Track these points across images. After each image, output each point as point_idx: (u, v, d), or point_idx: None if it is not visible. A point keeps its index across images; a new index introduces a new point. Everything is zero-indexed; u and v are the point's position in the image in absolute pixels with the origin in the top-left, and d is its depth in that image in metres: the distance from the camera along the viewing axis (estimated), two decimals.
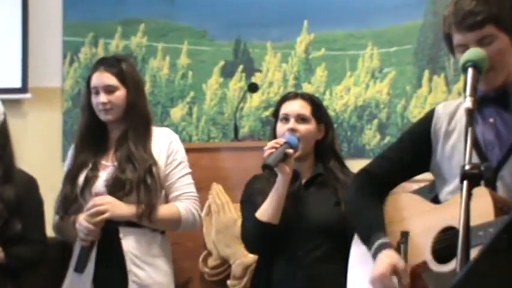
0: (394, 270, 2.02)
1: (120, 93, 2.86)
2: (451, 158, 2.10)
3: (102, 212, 2.74)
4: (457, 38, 2.03)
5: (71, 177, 2.85)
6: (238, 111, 4.09)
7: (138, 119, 2.86)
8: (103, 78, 2.86)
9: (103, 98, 2.83)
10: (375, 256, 2.07)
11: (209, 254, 3.36)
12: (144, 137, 2.86)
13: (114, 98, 2.84)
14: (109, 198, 2.76)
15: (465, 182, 1.67)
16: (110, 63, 2.90)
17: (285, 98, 2.85)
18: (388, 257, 2.04)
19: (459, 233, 1.63)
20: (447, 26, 2.06)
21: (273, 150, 2.65)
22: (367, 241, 2.13)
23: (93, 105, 2.87)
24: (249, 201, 2.77)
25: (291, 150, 2.67)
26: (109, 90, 2.84)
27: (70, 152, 2.96)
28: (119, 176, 2.78)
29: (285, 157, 2.64)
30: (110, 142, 2.90)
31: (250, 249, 2.87)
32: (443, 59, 4.21)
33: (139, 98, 2.89)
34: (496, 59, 1.98)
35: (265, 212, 2.66)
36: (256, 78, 4.37)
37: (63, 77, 4.57)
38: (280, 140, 2.70)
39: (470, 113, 1.77)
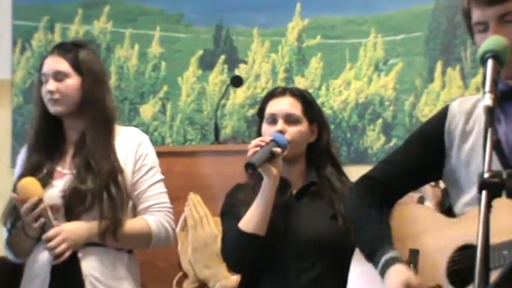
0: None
1: (72, 81, 2.84)
2: (469, 164, 2.10)
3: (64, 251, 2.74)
4: (476, 15, 2.04)
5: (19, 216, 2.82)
6: (219, 109, 4.08)
7: (96, 115, 2.83)
8: (54, 63, 2.84)
9: (51, 85, 2.82)
10: (383, 274, 2.07)
11: (185, 276, 3.36)
12: (106, 137, 2.83)
13: (64, 87, 2.82)
14: (63, 233, 2.74)
15: (484, 193, 1.67)
16: (66, 47, 2.89)
17: (272, 95, 2.85)
18: (400, 273, 2.04)
19: (476, 252, 1.63)
20: (466, 0, 2.07)
21: (258, 148, 2.65)
22: (372, 257, 2.13)
23: (43, 97, 2.86)
24: (231, 212, 2.76)
25: (278, 149, 2.66)
26: (59, 77, 2.83)
27: (21, 155, 2.95)
28: (78, 187, 2.76)
29: (271, 157, 2.64)
30: (67, 144, 2.88)
31: (232, 266, 2.86)
32: (458, 49, 4.23)
33: (98, 90, 2.86)
34: None
35: (250, 221, 2.66)
36: (241, 71, 4.37)
37: (13, 67, 4.55)
38: (267, 138, 2.70)
39: (490, 111, 1.77)
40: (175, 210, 2.97)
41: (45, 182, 2.80)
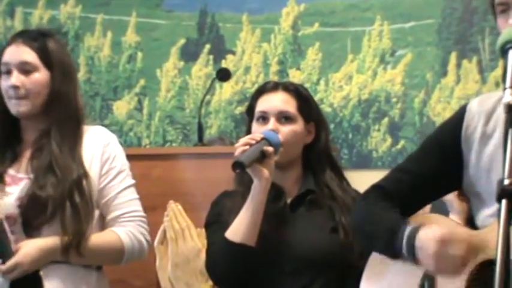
0: (446, 241, 2.01)
1: (41, 76, 2.83)
2: (490, 171, 2.11)
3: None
4: None
5: None
6: (203, 106, 4.09)
7: (64, 115, 2.83)
8: (19, 52, 2.83)
9: (15, 79, 2.80)
10: (412, 251, 2.07)
11: None
12: (72, 138, 2.82)
13: (31, 82, 2.81)
14: (22, 266, 2.75)
15: (503, 202, 1.68)
16: (32, 36, 2.87)
17: (262, 91, 2.86)
18: (429, 233, 2.04)
19: (495, 269, 1.64)
20: None
21: (247, 147, 2.66)
22: (391, 240, 2.12)
23: (1, 92, 2.85)
24: (217, 222, 2.77)
25: (270, 148, 2.67)
26: (25, 69, 2.82)
27: None
28: (37, 193, 2.75)
29: (262, 157, 2.65)
30: (23, 145, 2.88)
31: (218, 282, 2.86)
32: (475, 38, 4.25)
33: (67, 87, 2.86)
34: None
35: (237, 230, 2.66)
36: (228, 63, 4.38)
37: None
38: (257, 136, 2.71)
39: (510, 110, 1.78)
40: (153, 221, 2.97)
41: None
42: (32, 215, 2.73)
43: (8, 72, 2.81)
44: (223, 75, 3.90)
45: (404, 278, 2.21)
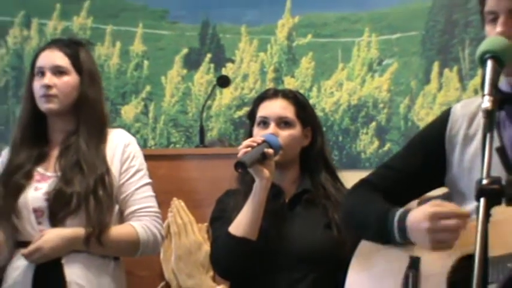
0: (437, 217, 1.99)
1: (71, 79, 2.84)
2: (471, 170, 2.10)
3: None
4: (489, 3, 2.04)
5: (4, 181, 2.82)
6: (205, 111, 4.09)
7: (91, 116, 2.85)
8: (53, 57, 2.84)
9: (48, 80, 2.81)
10: (403, 233, 2.06)
11: (167, 286, 3.36)
12: (98, 138, 2.84)
13: (62, 83, 2.82)
14: (42, 250, 2.75)
15: (482, 200, 1.68)
16: (65, 43, 2.90)
17: (263, 97, 2.86)
18: (419, 213, 2.02)
19: (474, 264, 1.63)
20: None
21: (249, 149, 2.66)
22: (382, 229, 2.10)
23: (33, 93, 2.86)
24: (222, 218, 2.77)
25: (270, 151, 2.67)
26: (58, 71, 2.83)
27: (4, 153, 2.94)
28: (63, 189, 2.76)
29: (263, 158, 2.65)
30: (51, 146, 2.89)
31: (221, 272, 2.86)
32: (456, 49, 4.24)
33: (94, 92, 2.87)
34: None
35: (240, 225, 2.66)
36: (228, 70, 4.38)
37: None
38: (258, 139, 2.71)
39: (489, 114, 1.78)
40: None
41: (24, 182, 2.80)
42: (58, 208, 2.75)
43: (42, 74, 2.83)
44: (223, 82, 3.90)
45: (391, 263, 2.21)
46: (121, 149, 2.87)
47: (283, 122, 2.78)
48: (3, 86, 4.49)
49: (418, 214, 2.06)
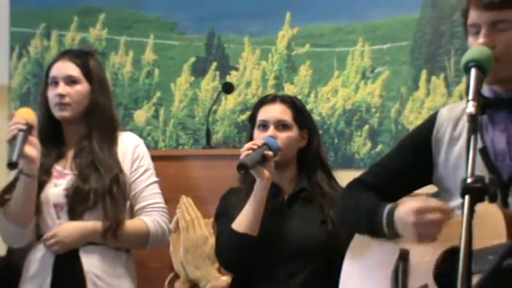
0: (422, 211, 2.00)
1: (82, 87, 2.85)
2: (457, 169, 2.10)
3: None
4: (472, 16, 2.04)
5: (17, 177, 2.81)
6: (211, 115, 4.09)
7: (101, 121, 2.85)
8: (65, 67, 2.85)
9: (62, 89, 2.82)
10: (391, 227, 2.06)
11: (176, 276, 3.36)
12: (110, 141, 2.85)
13: (74, 92, 2.83)
14: (57, 236, 2.75)
15: (466, 197, 1.67)
16: (76, 54, 2.91)
17: (263, 102, 2.86)
18: (406, 208, 2.03)
19: (459, 257, 1.63)
20: (467, 0, 2.07)
21: (250, 151, 2.66)
22: (372, 220, 2.11)
23: (48, 101, 2.86)
24: (225, 214, 2.77)
25: (270, 153, 2.67)
26: (70, 81, 2.84)
27: None
28: (81, 186, 2.77)
29: (263, 160, 2.65)
30: (66, 147, 2.89)
31: (225, 265, 2.87)
32: (442, 58, 4.24)
33: (104, 98, 2.88)
34: (506, 49, 1.99)
35: (242, 222, 2.67)
36: (232, 78, 4.38)
37: (10, 73, 4.54)
38: (259, 141, 2.71)
39: (472, 118, 1.78)
40: (167, 213, 2.98)
41: (45, 180, 2.80)
42: (76, 204, 2.76)
43: (55, 84, 2.84)
44: (228, 88, 3.90)
45: (382, 256, 2.20)
46: (131, 150, 2.88)
47: (281, 125, 2.78)
48: (26, 92, 4.49)
49: (404, 209, 2.06)
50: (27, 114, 2.73)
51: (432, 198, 2.11)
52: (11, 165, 2.59)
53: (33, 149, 2.68)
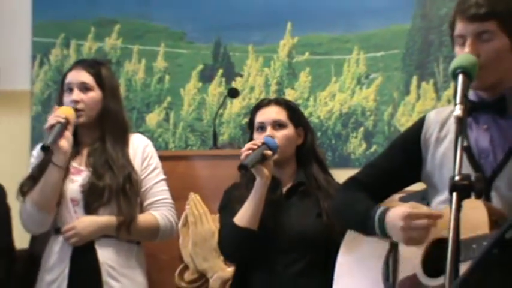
0: (411, 217, 2.00)
1: (95, 94, 2.86)
2: (442, 167, 2.11)
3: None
4: (458, 28, 2.05)
5: (43, 167, 2.82)
6: (217, 118, 4.09)
7: (114, 124, 2.86)
8: (79, 75, 2.87)
9: (76, 95, 2.83)
10: (382, 227, 2.07)
11: (186, 267, 3.36)
12: (122, 143, 2.87)
13: (88, 98, 2.84)
14: (75, 229, 2.75)
15: (454, 194, 1.68)
16: (89, 63, 2.93)
17: (259, 106, 2.87)
18: (396, 212, 2.03)
19: (448, 247, 1.63)
20: (453, 13, 2.08)
21: (250, 152, 2.66)
22: (365, 221, 2.11)
23: (64, 105, 2.87)
24: (227, 207, 2.78)
25: (269, 152, 2.67)
26: (83, 88, 2.85)
27: (37, 150, 2.94)
28: (96, 183, 2.78)
29: (263, 159, 2.65)
30: (81, 146, 2.89)
31: (227, 256, 2.87)
32: (432, 65, 4.24)
33: (115, 104, 2.89)
34: (490, 58, 2.00)
35: (243, 216, 2.67)
36: (237, 83, 4.37)
37: (32, 79, 4.54)
38: (258, 141, 2.71)
39: (460, 121, 1.78)
40: (177, 208, 2.98)
41: (64, 175, 2.81)
42: (92, 199, 2.77)
43: (70, 90, 2.85)
44: (233, 93, 3.90)
45: (374, 248, 2.20)
46: (141, 150, 2.90)
47: (277, 125, 2.78)
48: (47, 97, 4.50)
49: (394, 214, 2.06)
50: (68, 112, 2.77)
51: (422, 205, 2.11)
52: (44, 148, 2.66)
53: (66, 143, 2.72)
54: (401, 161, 2.21)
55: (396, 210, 2.05)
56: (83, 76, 2.86)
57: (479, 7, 2.01)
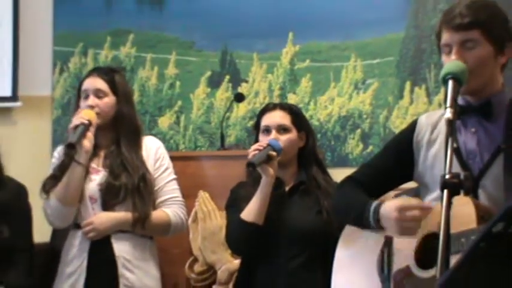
0: (403, 209, 2.00)
1: (109, 100, 2.87)
2: (433, 167, 2.11)
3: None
4: (444, 37, 2.06)
5: (64, 166, 2.82)
6: (224, 121, 4.09)
7: (128, 128, 2.87)
8: (94, 82, 2.88)
9: (92, 101, 2.84)
10: (377, 220, 2.07)
11: (195, 260, 3.36)
12: (136, 145, 2.87)
13: (103, 103, 2.85)
14: (93, 224, 2.76)
15: (445, 191, 1.68)
16: (104, 71, 2.94)
17: (265, 110, 2.87)
18: (389, 206, 2.04)
19: (439, 241, 1.64)
20: (439, 24, 2.09)
21: (257, 152, 2.67)
22: (361, 215, 2.12)
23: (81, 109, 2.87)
24: (234, 205, 2.78)
25: (274, 153, 2.68)
26: (98, 94, 2.86)
27: (58, 151, 2.95)
28: (113, 183, 2.78)
29: (268, 159, 2.66)
30: (99, 148, 2.90)
31: (234, 249, 2.87)
32: (424, 71, 4.23)
33: (128, 109, 2.90)
34: (475, 64, 2.00)
35: (250, 212, 2.67)
36: (243, 89, 4.37)
37: (53, 85, 4.55)
38: (264, 143, 2.72)
39: (450, 123, 1.78)
40: (187, 206, 2.99)
41: (85, 174, 2.82)
42: (109, 197, 2.78)
43: (86, 97, 2.85)
44: (239, 98, 3.91)
45: (369, 242, 2.20)
46: (154, 151, 2.90)
47: (282, 129, 2.79)
48: (66, 102, 4.50)
49: (388, 206, 2.07)
50: (91, 115, 2.78)
51: (413, 198, 2.11)
52: (69, 145, 2.69)
53: (88, 143, 2.74)
54: (395, 161, 2.21)
55: (390, 203, 2.05)
56: (98, 83, 2.87)
57: (463, 17, 2.01)
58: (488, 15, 2.03)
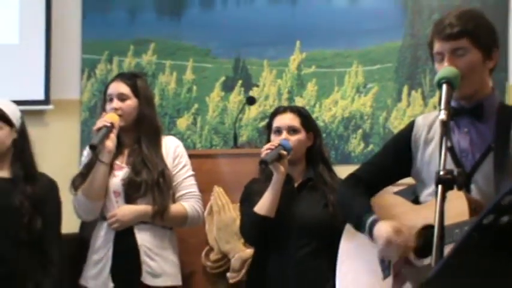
0: (388, 242, 2.01)
1: (131, 102, 2.88)
2: (430, 164, 2.11)
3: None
4: (436, 46, 2.06)
5: (90, 165, 2.84)
6: (237, 122, 4.09)
7: (148, 128, 2.88)
8: (118, 87, 2.89)
9: (116, 104, 2.85)
10: (371, 233, 2.07)
11: (211, 249, 3.36)
12: (156, 144, 2.88)
13: (125, 106, 2.86)
14: (116, 216, 2.77)
15: (440, 186, 1.68)
16: (127, 76, 2.95)
17: (276, 112, 2.87)
18: (385, 225, 2.05)
19: (434, 232, 1.63)
20: (431, 34, 2.09)
21: (269, 151, 2.68)
22: (359, 224, 2.12)
23: (106, 112, 2.88)
24: (248, 200, 2.79)
25: (284, 152, 2.69)
26: (122, 98, 2.87)
27: (86, 152, 2.96)
28: (134, 178, 2.80)
29: (279, 157, 2.67)
30: (123, 146, 2.91)
31: (248, 241, 2.87)
32: (420, 76, 4.23)
33: (149, 110, 2.91)
34: (466, 70, 2.00)
35: (263, 206, 2.68)
36: (254, 92, 4.37)
37: (81, 90, 4.57)
38: (275, 143, 2.72)
39: (444, 124, 1.78)
40: (203, 200, 2.99)
41: (110, 171, 2.83)
42: (131, 192, 2.79)
43: (111, 100, 2.86)
44: (251, 101, 3.91)
45: None
46: (173, 150, 2.91)
47: (292, 130, 2.79)
48: (93, 105, 4.52)
49: (380, 231, 2.07)
50: (114, 118, 2.79)
51: (403, 232, 2.10)
52: (92, 146, 2.70)
53: (111, 143, 2.75)
54: (394, 159, 2.21)
55: (382, 228, 2.05)
56: (121, 87, 2.88)
57: (452, 27, 2.01)
58: (476, 25, 2.02)
